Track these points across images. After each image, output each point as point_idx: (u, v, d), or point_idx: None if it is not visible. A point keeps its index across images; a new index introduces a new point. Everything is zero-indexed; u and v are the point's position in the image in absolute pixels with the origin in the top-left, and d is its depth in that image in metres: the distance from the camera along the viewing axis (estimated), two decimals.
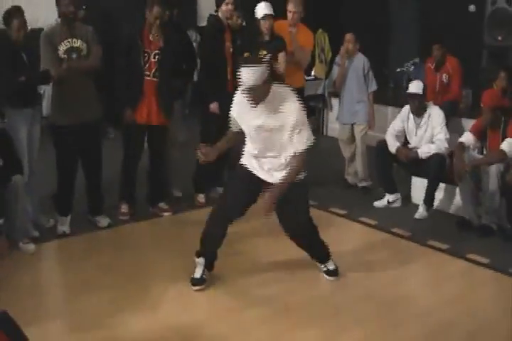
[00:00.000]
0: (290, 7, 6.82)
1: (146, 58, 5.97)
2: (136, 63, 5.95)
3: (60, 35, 5.66)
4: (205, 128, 6.62)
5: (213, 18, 6.66)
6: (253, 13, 6.60)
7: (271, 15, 6.52)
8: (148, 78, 6.00)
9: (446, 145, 6.33)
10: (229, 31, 6.55)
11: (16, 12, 5.58)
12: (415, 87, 6.44)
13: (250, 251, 5.44)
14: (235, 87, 6.50)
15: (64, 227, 5.90)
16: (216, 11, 6.56)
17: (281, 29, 6.77)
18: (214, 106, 6.41)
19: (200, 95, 6.70)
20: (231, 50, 6.53)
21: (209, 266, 4.87)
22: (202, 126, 6.67)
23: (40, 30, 5.84)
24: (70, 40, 5.69)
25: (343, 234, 5.92)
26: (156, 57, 5.99)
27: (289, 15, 6.84)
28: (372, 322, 4.32)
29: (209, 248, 4.82)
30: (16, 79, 5.49)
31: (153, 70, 6.00)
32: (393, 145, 6.49)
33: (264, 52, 6.54)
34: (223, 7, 6.41)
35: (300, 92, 7.15)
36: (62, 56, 5.66)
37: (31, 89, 5.81)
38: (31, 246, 5.48)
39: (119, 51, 6.05)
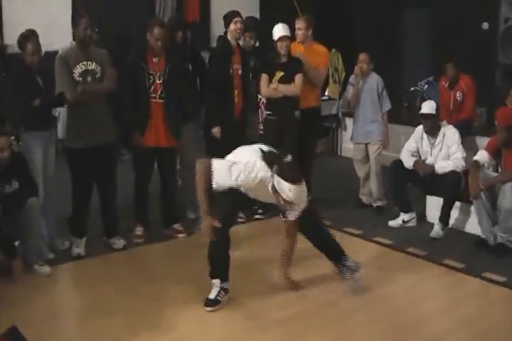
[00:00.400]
0: (297, 25, 6.90)
1: (152, 80, 6.00)
2: (141, 86, 5.97)
3: (75, 58, 5.70)
4: (210, 152, 6.65)
5: (221, 40, 6.70)
6: (269, 34, 6.64)
7: (287, 36, 6.56)
8: (154, 100, 6.03)
9: (464, 163, 6.31)
10: (238, 53, 6.59)
11: (30, 36, 5.63)
12: (428, 107, 6.43)
13: (265, 273, 5.39)
14: (243, 111, 6.61)
15: (79, 249, 5.91)
16: (225, 33, 6.61)
17: (296, 50, 6.84)
18: (215, 131, 6.46)
19: (206, 118, 6.73)
20: (239, 72, 6.56)
21: (225, 289, 4.87)
22: (207, 150, 6.70)
23: (55, 53, 5.87)
24: (85, 62, 5.73)
25: (357, 254, 5.82)
26: (161, 78, 6.02)
27: (297, 32, 6.90)
28: None
29: (218, 265, 4.82)
30: (30, 102, 5.55)
31: (159, 92, 6.02)
32: (409, 161, 6.48)
33: (281, 74, 6.59)
34: (232, 26, 6.46)
35: (316, 112, 7.26)
36: (77, 79, 5.70)
37: (46, 112, 5.86)
38: (46, 269, 5.49)
39: (124, 74, 6.06)
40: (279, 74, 6.63)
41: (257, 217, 6.84)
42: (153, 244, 6.15)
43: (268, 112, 6.79)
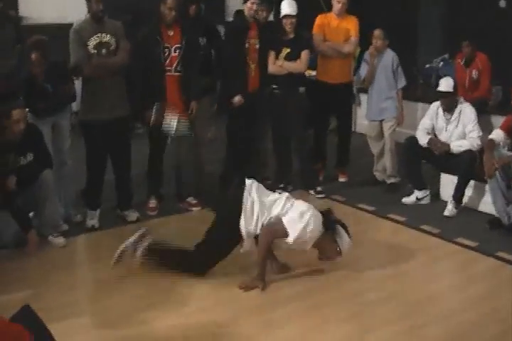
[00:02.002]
0: None
1: (167, 53, 5.96)
2: (156, 60, 5.93)
3: (90, 31, 5.69)
4: (231, 125, 6.66)
5: (238, 15, 6.67)
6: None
7: (292, 15, 6.54)
8: (169, 74, 5.99)
9: (479, 142, 6.25)
10: (256, 27, 6.54)
11: (35, 45, 5.64)
12: (445, 84, 6.38)
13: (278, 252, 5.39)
14: (260, 85, 6.59)
15: (93, 221, 5.94)
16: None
17: (325, 22, 6.94)
18: (237, 99, 6.43)
19: (221, 92, 6.74)
20: (257, 46, 6.52)
21: None
22: (228, 124, 6.74)
23: (69, 26, 5.86)
24: (99, 35, 5.71)
25: (371, 231, 5.89)
26: (177, 51, 5.98)
27: (337, 5, 6.90)
28: (397, 322, 4.26)
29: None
30: (35, 106, 5.60)
31: (175, 65, 5.99)
32: (424, 139, 6.44)
33: (288, 50, 6.58)
34: (248, 4, 6.42)
35: (349, 87, 7.28)
36: (92, 51, 5.69)
37: (54, 104, 5.85)
38: (61, 240, 5.53)
39: (137, 48, 6.02)
40: (286, 50, 6.64)
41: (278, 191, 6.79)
42: (167, 217, 6.17)
43: (274, 86, 6.76)
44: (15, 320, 2.41)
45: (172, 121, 5.81)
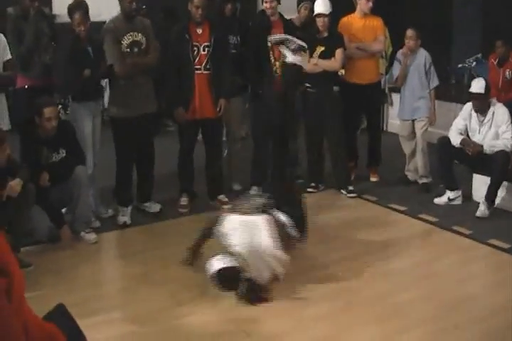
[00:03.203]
0: None
1: (196, 51, 5.97)
2: (185, 58, 5.95)
3: (123, 29, 5.75)
4: (255, 119, 6.70)
5: (260, 14, 6.71)
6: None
7: (325, 14, 6.52)
8: (199, 72, 6.01)
9: None
10: (281, 26, 6.52)
11: (77, 6, 5.66)
12: (477, 86, 6.31)
13: (309, 249, 5.32)
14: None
15: (125, 218, 5.98)
16: None
17: (349, 23, 6.94)
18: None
19: (251, 90, 6.74)
20: None
21: None
22: (252, 117, 6.78)
23: (103, 23, 5.90)
24: (131, 33, 5.78)
25: (402, 231, 5.85)
26: (206, 49, 5.99)
27: (367, 4, 6.92)
28: (431, 323, 4.24)
29: None
30: (81, 73, 5.59)
31: (204, 63, 6.00)
32: (457, 139, 6.38)
33: (322, 49, 6.57)
34: (264, 4, 6.47)
35: (378, 87, 7.26)
36: (125, 50, 5.73)
37: (95, 83, 5.90)
38: (93, 236, 5.57)
39: (168, 48, 6.06)
40: (320, 49, 6.62)
41: (309, 190, 6.83)
42: (199, 215, 6.17)
43: (307, 85, 6.75)
44: (49, 319, 2.39)
45: None
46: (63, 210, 5.60)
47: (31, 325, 1.53)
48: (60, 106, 6.08)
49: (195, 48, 5.97)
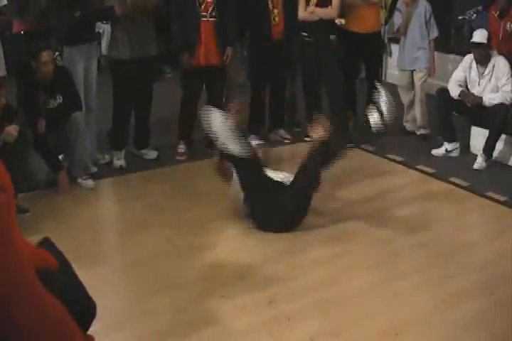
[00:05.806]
0: None
1: None
2: (191, 5, 5.88)
3: None
4: (252, 67, 6.68)
5: None
6: None
7: None
8: (204, 19, 5.94)
9: None
10: None
11: None
12: (479, 36, 6.26)
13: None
14: (285, 31, 6.49)
15: (120, 161, 6.01)
16: None
17: None
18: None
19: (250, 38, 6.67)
20: None
21: None
22: (250, 66, 6.74)
23: None
24: None
25: (400, 181, 5.86)
26: None
27: None
28: (428, 270, 4.26)
29: None
30: (72, 14, 5.50)
31: (210, 10, 5.93)
32: (456, 90, 6.34)
33: None
34: None
35: (377, 36, 7.18)
36: None
37: (88, 26, 5.80)
38: (91, 182, 5.57)
39: None
40: None
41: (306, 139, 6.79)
42: (196, 162, 6.16)
43: (304, 34, 6.66)
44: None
45: None
46: (60, 157, 5.57)
47: (22, 244, 1.53)
48: (57, 53, 5.99)
49: None
